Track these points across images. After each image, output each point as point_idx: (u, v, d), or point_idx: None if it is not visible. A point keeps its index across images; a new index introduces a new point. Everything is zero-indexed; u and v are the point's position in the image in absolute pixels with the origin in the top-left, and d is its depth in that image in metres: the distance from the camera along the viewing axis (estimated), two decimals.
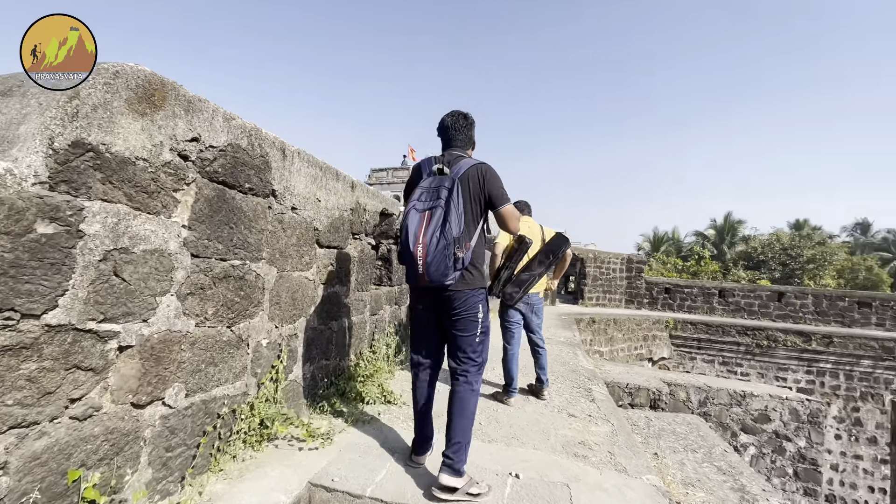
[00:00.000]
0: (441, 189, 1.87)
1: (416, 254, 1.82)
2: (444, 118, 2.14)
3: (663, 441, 3.05)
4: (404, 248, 1.86)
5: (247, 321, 2.01)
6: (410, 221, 1.86)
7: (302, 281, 2.44)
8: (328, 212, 2.67)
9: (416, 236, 1.83)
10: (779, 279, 19.34)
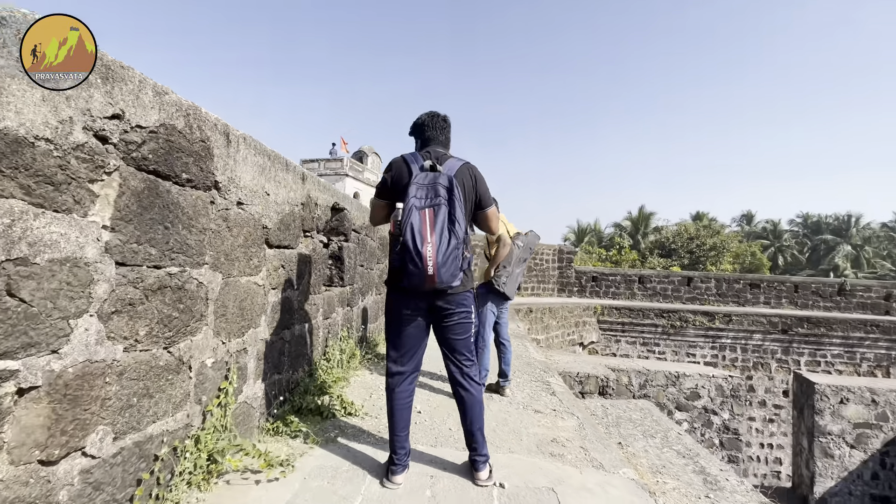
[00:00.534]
0: (438, 186, 1.76)
1: (425, 254, 1.67)
2: (423, 118, 2.06)
3: (623, 429, 3.14)
4: (409, 247, 1.69)
5: (188, 339, 1.68)
6: (413, 219, 1.71)
7: (251, 287, 2.12)
8: (278, 207, 2.35)
9: (424, 235, 1.69)
10: (687, 266, 21.63)
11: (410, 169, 1.85)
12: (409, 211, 1.73)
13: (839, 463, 4.91)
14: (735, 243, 24.06)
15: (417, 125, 2.07)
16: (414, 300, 1.89)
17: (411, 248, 1.69)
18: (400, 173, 1.89)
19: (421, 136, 2.05)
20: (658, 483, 2.36)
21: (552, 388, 3.67)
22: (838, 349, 15.05)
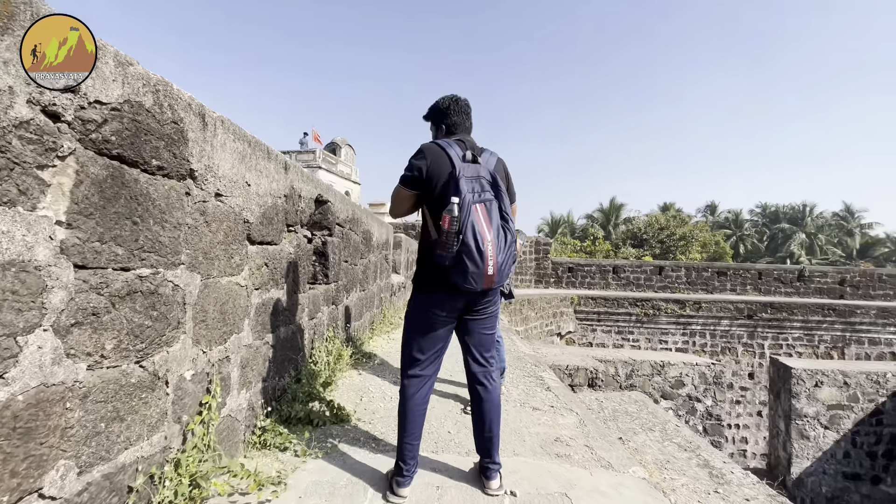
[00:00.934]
0: (481, 179, 1.67)
1: (486, 252, 1.59)
2: (447, 102, 1.91)
3: (621, 422, 3.10)
4: (470, 246, 1.58)
5: (163, 351, 1.46)
6: (473, 215, 1.60)
7: (232, 289, 1.90)
8: (260, 199, 2.13)
9: (483, 233, 1.60)
10: (659, 255, 22.25)
11: (451, 159, 1.70)
12: (469, 207, 1.60)
13: (814, 444, 5.12)
14: (704, 233, 24.97)
15: (441, 110, 1.91)
16: (453, 300, 1.75)
17: (473, 247, 1.58)
18: (439, 163, 1.72)
19: (444, 122, 1.90)
20: (665, 479, 2.31)
21: (546, 384, 3.59)
22: (798, 332, 15.84)
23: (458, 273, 1.62)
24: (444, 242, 1.60)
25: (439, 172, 1.72)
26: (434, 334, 1.81)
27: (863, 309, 15.38)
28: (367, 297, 4.88)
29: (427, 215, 1.79)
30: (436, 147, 1.77)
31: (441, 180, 1.71)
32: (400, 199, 1.86)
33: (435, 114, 1.94)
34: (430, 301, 1.79)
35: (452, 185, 1.64)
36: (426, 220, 1.80)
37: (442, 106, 1.91)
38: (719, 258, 28.55)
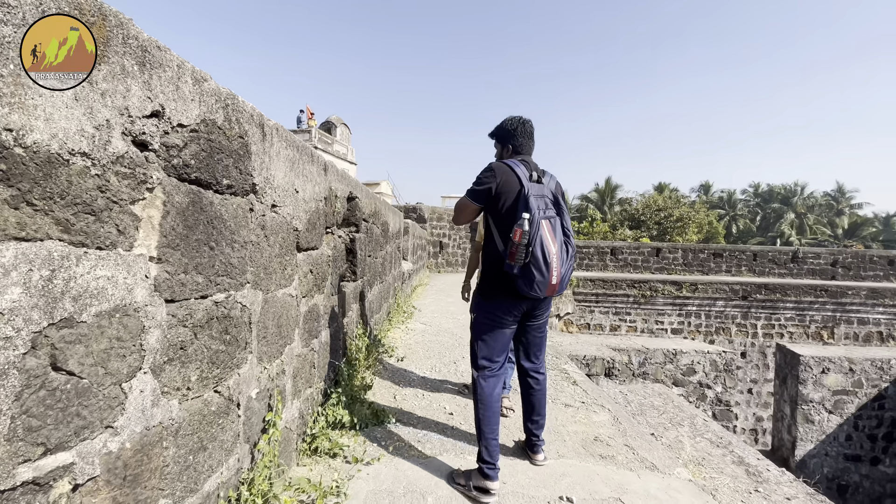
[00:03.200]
0: (545, 198, 1.88)
1: (552, 264, 1.80)
2: (514, 124, 2.07)
3: (649, 417, 3.15)
4: (538, 258, 1.78)
5: (235, 374, 1.43)
6: (542, 231, 1.81)
7: (286, 301, 1.86)
8: (306, 205, 2.06)
9: (549, 247, 1.81)
10: (656, 236, 22.40)
11: (520, 179, 1.88)
12: (539, 223, 1.80)
13: (818, 427, 5.30)
14: (702, 214, 25.13)
15: (508, 131, 2.07)
16: (517, 306, 1.96)
17: (540, 258, 1.79)
18: (509, 181, 1.90)
19: (511, 142, 2.06)
20: (707, 480, 2.37)
21: (572, 377, 3.63)
22: (791, 313, 16.19)
23: (525, 281, 1.81)
24: (514, 253, 1.79)
25: (508, 190, 1.88)
26: (503, 337, 2.03)
27: (853, 290, 15.73)
28: (385, 288, 4.85)
29: (493, 229, 1.96)
30: (505, 166, 1.94)
31: (510, 197, 1.88)
32: (467, 212, 2.03)
33: (502, 134, 2.09)
34: (498, 308, 1.98)
35: (522, 202, 1.83)
36: (491, 233, 1.97)
37: (510, 127, 2.06)
38: (712, 239, 28.85)
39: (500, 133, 2.10)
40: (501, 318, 1.98)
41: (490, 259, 1.97)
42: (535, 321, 2.08)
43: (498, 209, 1.90)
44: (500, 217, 1.90)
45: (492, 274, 1.97)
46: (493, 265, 1.95)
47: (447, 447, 2.33)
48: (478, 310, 2.07)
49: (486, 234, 1.99)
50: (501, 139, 2.10)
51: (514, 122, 2.06)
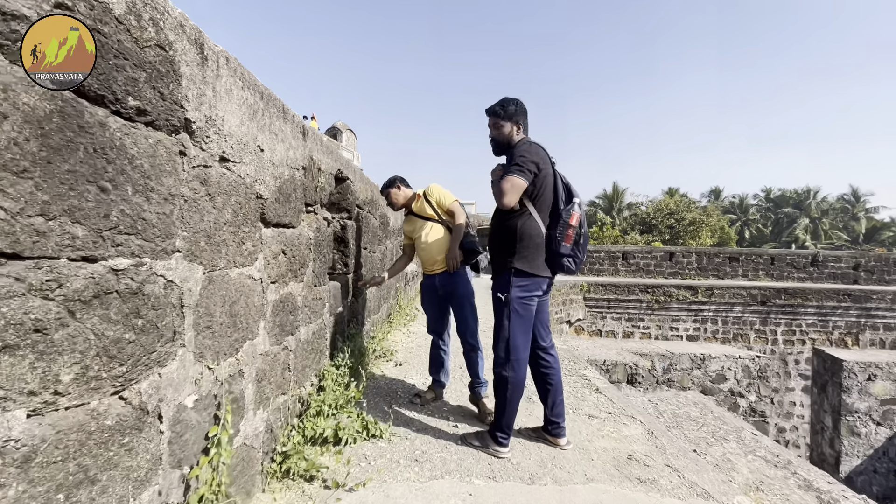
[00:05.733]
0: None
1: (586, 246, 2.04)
2: (520, 103, 2.10)
3: (688, 430, 2.71)
4: (583, 236, 2.01)
5: (154, 373, 1.04)
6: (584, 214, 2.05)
7: (245, 283, 1.47)
8: (275, 170, 1.68)
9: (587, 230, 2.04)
10: (668, 241, 21.77)
11: (550, 158, 2.05)
12: (581, 205, 2.03)
13: (865, 441, 4.78)
14: (715, 217, 24.42)
15: (518, 109, 2.07)
16: (547, 284, 2.09)
17: (582, 238, 2.02)
18: (546, 160, 2.02)
19: (522, 122, 2.08)
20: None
21: (594, 384, 3.19)
22: (812, 318, 15.52)
23: (574, 260, 2.02)
24: (571, 236, 1.98)
25: (545, 171, 1.99)
26: (531, 317, 2.06)
27: (878, 294, 15.03)
28: (385, 287, 4.46)
29: (532, 208, 2.00)
30: (541, 148, 2.05)
31: (547, 178, 2.00)
32: (518, 190, 1.96)
33: (512, 112, 2.06)
34: (536, 286, 2.04)
35: (561, 183, 2.02)
36: (529, 211, 2.00)
37: (522, 107, 2.08)
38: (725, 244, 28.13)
39: (509, 110, 2.06)
40: (534, 299, 2.04)
41: (527, 236, 1.99)
42: (546, 297, 2.15)
43: (536, 188, 1.97)
44: (538, 197, 1.98)
45: (532, 251, 2.00)
46: (532, 242, 1.99)
47: (450, 468, 1.92)
48: (511, 288, 2.02)
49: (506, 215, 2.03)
50: (511, 117, 2.06)
51: (519, 101, 2.08)
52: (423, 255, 2.66)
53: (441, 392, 2.80)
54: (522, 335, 2.03)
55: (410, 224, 2.73)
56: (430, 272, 2.67)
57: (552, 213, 2.01)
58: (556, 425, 2.17)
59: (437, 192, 2.65)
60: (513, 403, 2.04)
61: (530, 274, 2.00)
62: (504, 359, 2.03)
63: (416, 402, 2.67)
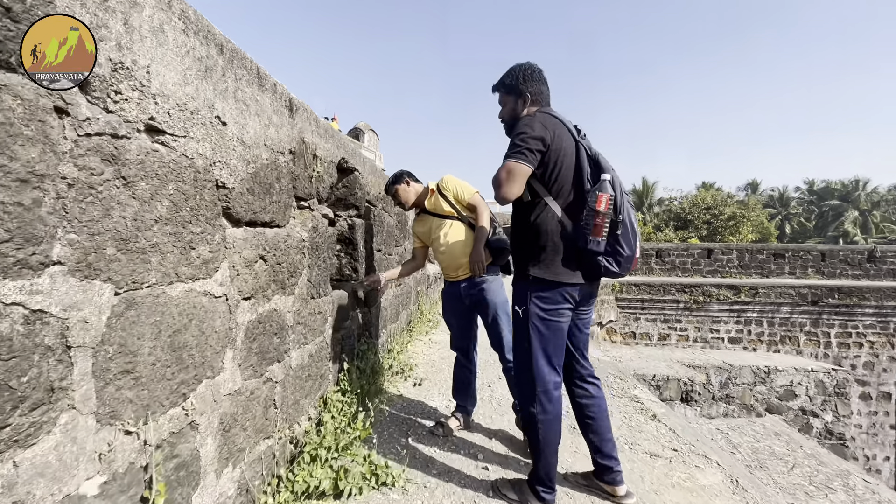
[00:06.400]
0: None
1: (637, 232, 1.54)
2: (531, 67, 1.67)
3: (776, 473, 2.17)
4: (629, 228, 1.51)
5: (6, 461, 0.64)
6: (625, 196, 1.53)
7: (197, 303, 1.07)
8: (247, 151, 1.28)
9: (631, 211, 1.52)
10: (705, 237, 20.56)
11: (570, 130, 1.58)
12: (620, 184, 1.52)
13: None
14: (757, 211, 22.85)
15: (526, 76, 1.63)
16: (579, 291, 1.59)
17: (629, 227, 1.51)
18: (561, 135, 1.55)
19: (530, 90, 1.63)
20: None
21: (649, 409, 2.69)
22: (871, 319, 14.30)
23: (613, 260, 1.52)
24: (599, 226, 1.47)
25: (562, 147, 1.53)
26: (563, 334, 1.63)
27: None
28: (404, 292, 4.05)
29: (548, 196, 1.56)
30: (552, 117, 1.57)
31: (565, 155, 1.54)
32: (519, 178, 1.52)
33: (523, 81, 1.63)
34: (561, 297, 1.58)
35: (589, 161, 1.55)
36: (544, 201, 1.57)
37: (529, 74, 1.64)
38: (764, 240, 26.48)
39: (508, 82, 1.66)
40: (564, 312, 1.59)
41: (543, 234, 1.55)
42: (586, 312, 1.71)
43: (548, 170, 1.53)
44: (553, 179, 1.54)
45: (550, 252, 1.56)
46: (550, 240, 1.55)
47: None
48: (529, 301, 1.59)
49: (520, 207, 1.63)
50: (513, 89, 1.65)
51: (529, 66, 1.64)
52: (443, 259, 2.23)
53: (467, 420, 2.36)
54: (550, 359, 1.62)
55: (423, 224, 2.30)
56: (453, 279, 2.24)
57: (577, 198, 1.55)
58: (610, 470, 1.74)
59: (454, 185, 2.21)
60: (550, 446, 1.65)
61: (550, 282, 1.56)
62: (530, 392, 1.62)
63: (437, 434, 2.24)
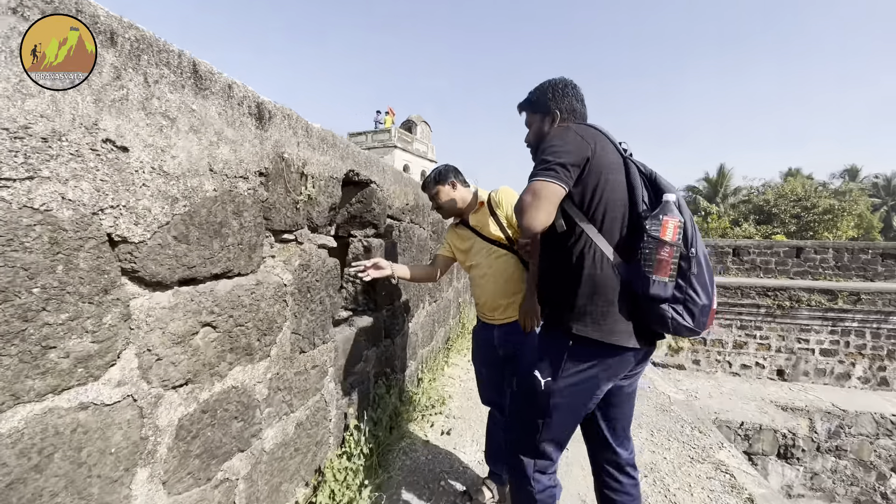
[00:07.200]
0: None
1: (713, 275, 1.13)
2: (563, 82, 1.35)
3: None
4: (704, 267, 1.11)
5: None
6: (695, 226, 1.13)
7: (58, 427, 0.71)
8: (172, 185, 0.91)
9: (703, 248, 1.12)
10: (793, 233, 18.05)
11: (615, 144, 1.23)
12: (688, 211, 1.12)
13: None
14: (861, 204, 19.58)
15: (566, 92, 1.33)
16: (631, 357, 1.18)
17: (704, 267, 1.12)
18: (605, 149, 1.18)
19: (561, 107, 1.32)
20: None
21: (742, 485, 2.07)
22: None
23: (683, 309, 1.10)
24: (665, 262, 1.07)
25: (605, 162, 1.17)
26: (585, 412, 1.26)
27: None
28: (441, 308, 3.64)
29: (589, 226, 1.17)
30: (591, 128, 1.23)
31: (612, 171, 1.17)
32: (549, 201, 1.14)
33: (552, 99, 1.33)
34: (609, 368, 1.18)
35: (640, 176, 1.19)
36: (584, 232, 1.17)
37: (559, 85, 1.34)
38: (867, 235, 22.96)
39: (539, 97, 1.37)
40: (599, 380, 1.21)
41: (586, 274, 1.16)
42: (632, 379, 1.31)
43: (592, 193, 1.17)
44: (596, 203, 1.16)
45: (599, 301, 1.15)
46: (600, 285, 1.15)
47: None
48: (562, 369, 1.20)
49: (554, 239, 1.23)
50: (541, 105, 1.36)
51: (555, 84, 1.35)
52: (480, 294, 1.78)
53: (503, 491, 1.91)
54: (556, 438, 1.27)
55: (462, 240, 1.84)
56: (488, 319, 1.78)
57: (630, 228, 1.17)
58: None
59: (509, 203, 1.72)
60: None
61: (601, 345, 1.15)
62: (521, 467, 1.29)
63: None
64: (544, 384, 1.21)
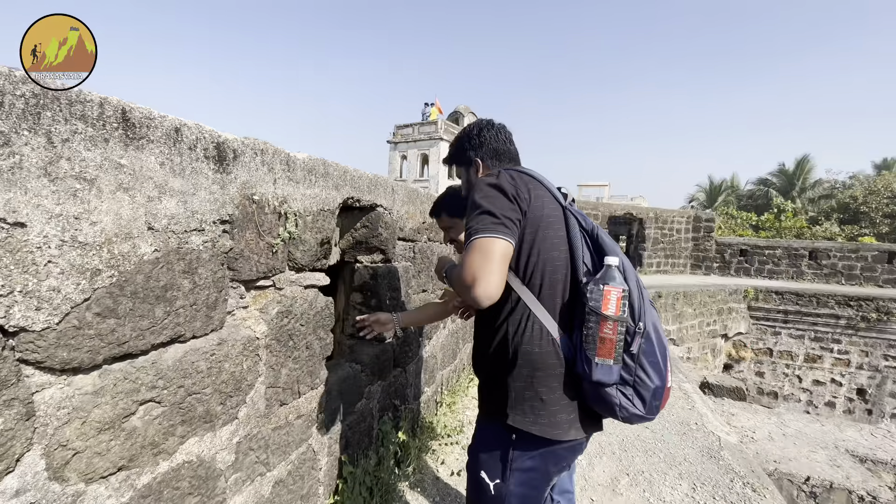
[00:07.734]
0: None
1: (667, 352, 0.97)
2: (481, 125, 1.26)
3: None
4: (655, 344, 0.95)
5: None
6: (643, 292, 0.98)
7: None
8: (92, 256, 0.79)
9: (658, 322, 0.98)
10: (886, 235, 15.81)
11: (554, 194, 1.08)
12: (635, 275, 0.97)
13: None
14: None
15: (474, 138, 1.24)
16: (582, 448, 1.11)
17: (655, 343, 0.95)
18: (541, 196, 1.04)
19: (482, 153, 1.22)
20: None
21: None
22: None
23: (633, 393, 0.96)
24: (610, 340, 0.92)
25: (542, 213, 1.01)
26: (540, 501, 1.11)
27: None
28: (467, 323, 3.46)
29: (528, 294, 1.01)
30: (525, 176, 1.07)
31: (550, 226, 1.01)
32: (504, 261, 0.97)
33: (465, 147, 1.24)
34: (557, 461, 1.06)
35: (583, 236, 1.01)
36: (522, 301, 1.02)
37: (475, 130, 1.24)
38: None
39: (457, 148, 1.27)
40: (551, 474, 1.08)
41: (523, 354, 1.00)
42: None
43: (529, 253, 1.00)
44: (533, 267, 1.00)
45: (539, 386, 0.99)
46: (542, 367, 0.99)
47: None
48: (513, 470, 1.04)
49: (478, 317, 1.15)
50: (461, 158, 1.26)
51: (479, 125, 1.24)
52: None
53: None
54: None
55: None
56: None
57: (574, 294, 1.01)
58: None
59: None
60: None
61: (542, 441, 1.01)
62: None
63: None
64: (493, 487, 1.07)
